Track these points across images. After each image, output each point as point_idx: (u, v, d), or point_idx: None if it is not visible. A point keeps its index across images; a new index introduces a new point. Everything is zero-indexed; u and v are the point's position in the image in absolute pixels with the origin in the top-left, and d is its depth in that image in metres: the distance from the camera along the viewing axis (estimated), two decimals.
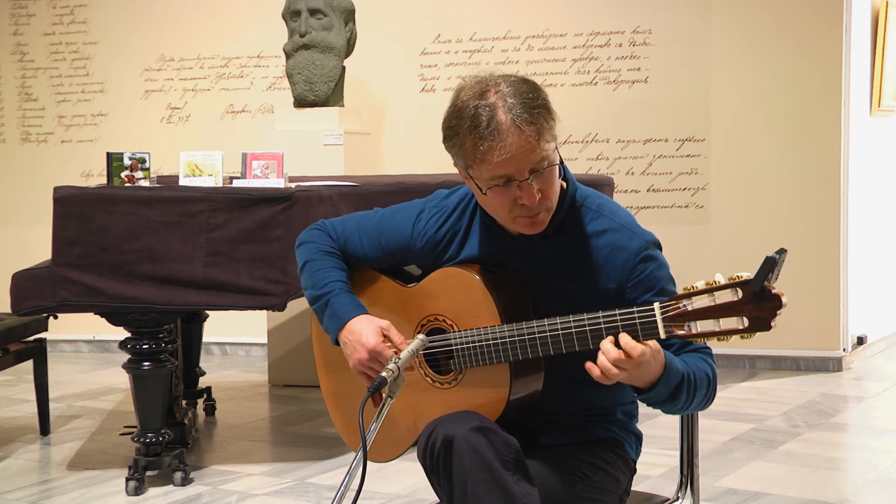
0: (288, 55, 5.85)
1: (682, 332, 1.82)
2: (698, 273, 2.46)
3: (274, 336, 5.77)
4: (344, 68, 5.88)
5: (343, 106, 5.92)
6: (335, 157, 5.68)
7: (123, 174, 3.90)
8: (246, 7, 6.65)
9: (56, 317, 4.35)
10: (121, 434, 4.34)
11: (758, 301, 1.74)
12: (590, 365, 1.86)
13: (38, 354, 4.66)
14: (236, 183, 3.97)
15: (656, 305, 1.84)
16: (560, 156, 2.04)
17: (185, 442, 4.20)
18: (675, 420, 2.28)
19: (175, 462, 3.91)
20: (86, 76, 7.01)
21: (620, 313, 1.88)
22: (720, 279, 1.78)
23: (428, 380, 2.13)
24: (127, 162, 3.92)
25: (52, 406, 4.88)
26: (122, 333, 3.86)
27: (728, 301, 1.77)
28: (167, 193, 3.82)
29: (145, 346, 3.81)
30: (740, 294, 1.76)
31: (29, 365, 4.67)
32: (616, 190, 5.24)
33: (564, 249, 2.09)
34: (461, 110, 1.98)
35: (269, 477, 4.02)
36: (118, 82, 6.95)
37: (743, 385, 5.52)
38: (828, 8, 5.72)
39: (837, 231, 5.76)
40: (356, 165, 5.83)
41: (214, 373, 5.94)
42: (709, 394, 2.01)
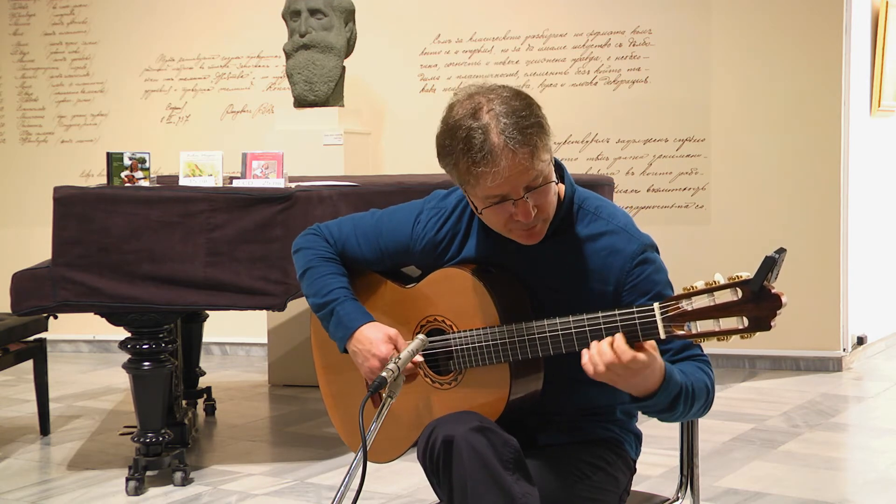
0: (288, 55, 5.85)
1: (682, 333, 1.81)
2: (698, 273, 2.46)
3: (274, 336, 5.77)
4: (344, 68, 5.88)
5: (343, 106, 5.92)
6: (335, 157, 5.68)
7: (123, 174, 3.90)
8: (246, 7, 6.65)
9: (56, 317, 4.35)
10: (121, 434, 4.34)
11: (758, 301, 1.74)
12: (585, 361, 1.86)
13: (38, 354, 4.66)
14: (236, 183, 3.97)
15: (656, 305, 1.84)
16: (558, 159, 2.04)
17: (185, 442, 4.20)
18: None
19: (175, 462, 3.91)
20: (86, 76, 7.01)
21: (620, 313, 1.87)
22: (720, 279, 1.78)
23: (427, 380, 2.13)
24: (127, 162, 3.92)
25: (52, 406, 4.88)
26: (122, 333, 3.86)
27: (728, 301, 1.77)
28: (167, 193, 3.81)
29: (145, 346, 3.81)
30: (740, 294, 1.76)
31: (29, 365, 4.67)
32: (616, 190, 5.24)
33: (562, 251, 2.08)
34: (454, 130, 1.96)
35: (269, 477, 4.02)
36: (118, 82, 6.95)
37: (743, 385, 5.52)
38: (828, 8, 5.72)
39: (837, 231, 5.75)
40: (356, 165, 5.83)
41: (214, 373, 5.94)
42: (706, 404, 2.00)
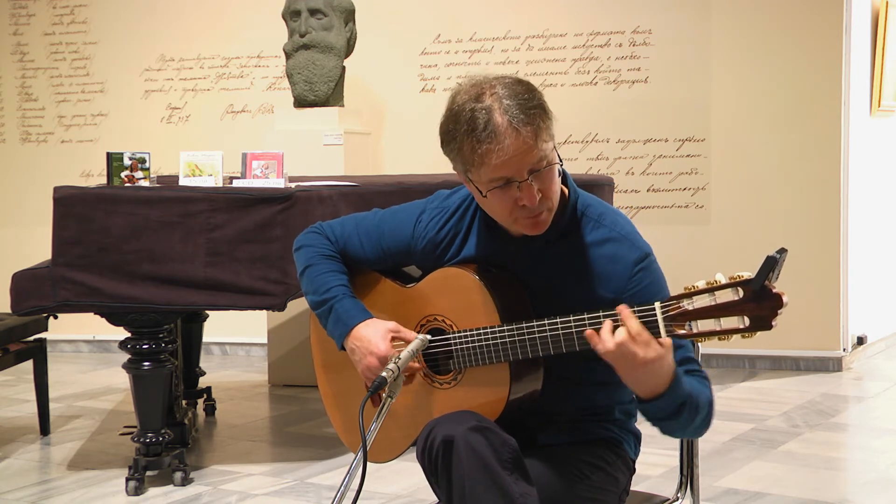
0: (288, 55, 5.85)
1: (683, 332, 1.81)
2: (698, 273, 2.45)
3: (274, 336, 5.77)
4: (344, 68, 5.88)
5: (343, 106, 5.92)
6: (335, 157, 5.68)
7: (123, 174, 3.90)
8: (246, 7, 6.65)
9: (56, 317, 4.35)
10: (121, 434, 4.34)
11: (759, 300, 1.74)
12: (590, 333, 1.86)
13: (38, 354, 4.66)
14: (236, 183, 3.97)
15: (657, 305, 1.84)
16: (562, 161, 2.04)
17: (185, 442, 4.20)
18: None
19: (175, 462, 3.90)
20: (86, 76, 7.01)
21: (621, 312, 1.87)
22: (721, 279, 1.78)
23: (427, 379, 2.13)
24: (127, 162, 3.92)
25: (52, 406, 4.87)
26: (122, 333, 3.86)
27: (729, 300, 1.77)
28: (167, 193, 3.81)
29: (145, 346, 3.81)
30: (741, 293, 1.76)
31: (29, 365, 4.67)
32: (616, 190, 5.24)
33: (565, 255, 2.08)
34: (457, 114, 1.98)
35: (269, 477, 4.02)
36: (118, 82, 6.95)
37: (743, 385, 5.52)
38: (828, 8, 5.72)
39: (837, 231, 5.75)
40: (356, 165, 5.83)
41: (214, 373, 5.94)
42: (706, 419, 1.98)
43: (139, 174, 3.91)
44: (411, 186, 4.01)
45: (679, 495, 2.32)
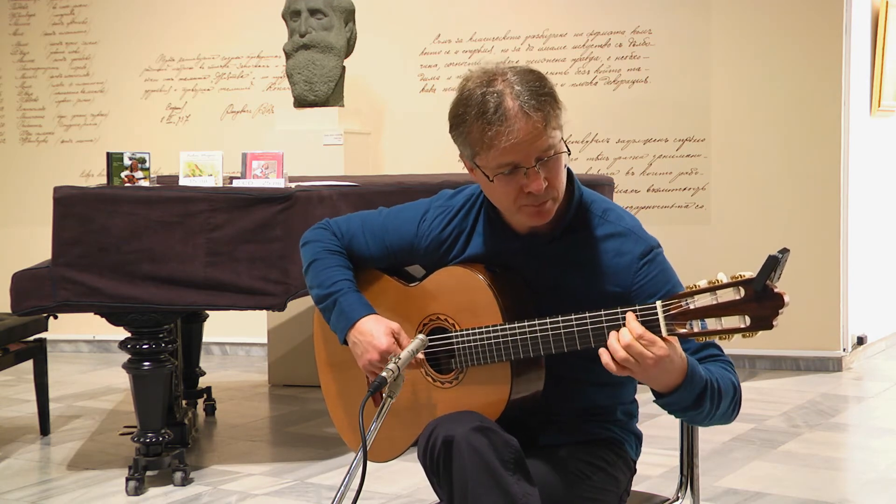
0: (288, 55, 5.84)
1: (684, 331, 1.81)
2: (698, 273, 2.44)
3: (274, 336, 5.76)
4: (344, 68, 5.88)
5: (343, 106, 5.91)
6: (335, 157, 5.68)
7: (123, 174, 3.90)
8: (246, 7, 6.65)
9: (56, 317, 4.35)
10: (121, 434, 4.34)
11: (760, 300, 1.74)
12: (606, 361, 1.84)
13: (38, 354, 4.66)
14: (236, 183, 3.97)
15: (658, 304, 1.84)
16: (569, 152, 2.03)
17: (185, 442, 4.19)
18: (675, 420, 2.27)
19: (175, 462, 3.90)
20: (86, 76, 7.01)
21: (622, 311, 1.87)
22: (723, 278, 1.78)
23: (429, 379, 2.13)
24: (127, 162, 3.92)
25: (52, 406, 4.87)
26: (122, 333, 3.85)
27: (730, 300, 1.77)
28: (167, 193, 3.81)
29: (145, 346, 3.81)
30: (743, 293, 1.75)
31: (29, 365, 4.67)
32: (616, 190, 5.24)
33: (571, 252, 2.08)
34: (468, 98, 1.99)
35: (269, 477, 4.02)
36: (118, 82, 6.95)
37: (743, 385, 5.47)
38: (828, 8, 5.72)
39: (837, 231, 5.75)
40: (356, 165, 5.83)
41: (214, 373, 5.93)
42: (734, 403, 1.99)
43: (139, 174, 3.91)
44: (411, 186, 4.01)
45: (679, 495, 2.32)
